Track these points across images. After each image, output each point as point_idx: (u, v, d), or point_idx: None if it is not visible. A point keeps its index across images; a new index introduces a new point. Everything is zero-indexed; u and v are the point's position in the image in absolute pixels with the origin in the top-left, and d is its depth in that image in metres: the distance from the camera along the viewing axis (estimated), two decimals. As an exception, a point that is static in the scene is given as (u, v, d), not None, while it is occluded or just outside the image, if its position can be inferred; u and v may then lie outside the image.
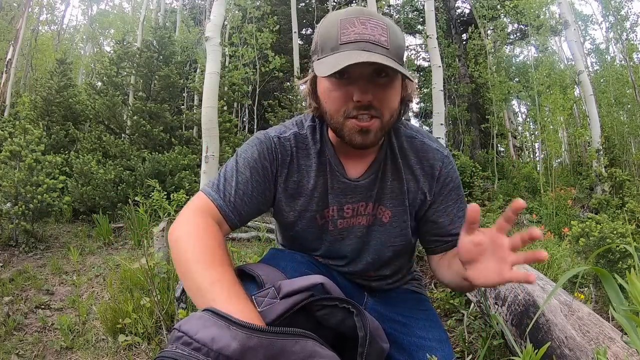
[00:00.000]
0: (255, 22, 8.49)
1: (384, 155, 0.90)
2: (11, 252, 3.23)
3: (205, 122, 2.44)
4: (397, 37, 0.77)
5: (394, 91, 0.78)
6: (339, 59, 0.71)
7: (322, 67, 0.73)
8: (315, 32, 0.81)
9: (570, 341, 0.96)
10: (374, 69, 0.74)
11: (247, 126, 9.45)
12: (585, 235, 2.42)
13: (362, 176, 0.90)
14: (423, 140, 0.92)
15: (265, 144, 0.88)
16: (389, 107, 0.78)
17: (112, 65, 6.56)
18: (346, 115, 0.77)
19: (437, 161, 0.91)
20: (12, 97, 8.93)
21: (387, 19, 0.78)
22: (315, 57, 0.79)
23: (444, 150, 0.93)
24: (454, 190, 0.93)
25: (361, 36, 0.73)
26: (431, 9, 4.59)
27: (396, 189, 0.91)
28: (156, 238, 2.18)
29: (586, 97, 6.47)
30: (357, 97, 0.74)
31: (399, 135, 0.91)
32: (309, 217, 0.92)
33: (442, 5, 11.86)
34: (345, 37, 0.73)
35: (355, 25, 0.74)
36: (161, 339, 1.77)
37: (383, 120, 0.78)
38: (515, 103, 14.90)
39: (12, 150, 3.45)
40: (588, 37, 13.82)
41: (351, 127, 0.77)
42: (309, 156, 0.90)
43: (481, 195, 6.07)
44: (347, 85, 0.75)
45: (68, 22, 20.36)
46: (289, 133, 0.90)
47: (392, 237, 0.94)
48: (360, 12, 0.76)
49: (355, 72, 0.74)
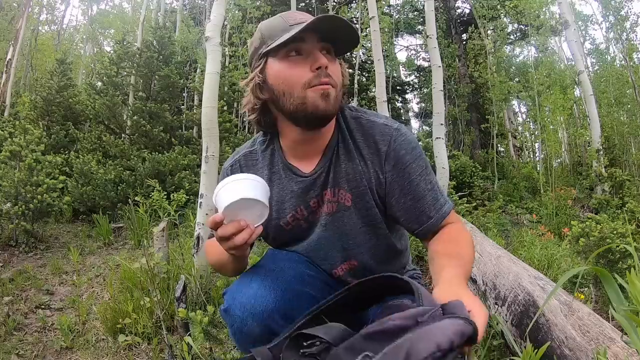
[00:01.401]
0: (255, 22, 8.48)
1: (335, 140, 0.91)
2: (11, 252, 3.22)
3: (205, 122, 2.43)
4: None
5: (340, 68, 0.86)
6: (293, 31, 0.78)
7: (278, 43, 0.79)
8: (254, 37, 0.87)
9: (570, 341, 0.96)
10: (322, 47, 0.81)
11: (247, 126, 9.44)
12: (585, 235, 2.42)
13: (316, 167, 0.91)
14: (369, 118, 0.91)
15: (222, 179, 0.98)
16: (339, 79, 0.85)
17: (112, 65, 6.55)
18: (308, 86, 0.81)
19: (385, 136, 0.88)
20: (12, 97, 8.92)
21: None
22: (264, 47, 0.83)
23: (392, 124, 0.90)
24: (413, 162, 0.87)
25: (305, 18, 0.81)
26: (431, 9, 4.59)
27: (350, 171, 0.90)
28: (156, 238, 2.18)
29: (586, 97, 6.46)
30: (317, 63, 0.79)
31: (345, 118, 0.93)
32: (273, 225, 0.96)
33: (442, 5, 11.85)
34: (293, 20, 0.81)
35: (294, 14, 0.83)
36: (161, 339, 1.77)
37: (337, 90, 0.83)
38: (515, 103, 14.89)
39: (12, 150, 3.45)
40: (588, 37, 13.81)
41: (312, 96, 0.81)
42: (260, 169, 0.95)
43: (481, 195, 6.06)
44: (304, 59, 0.81)
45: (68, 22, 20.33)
46: (240, 154, 0.99)
47: (360, 219, 0.92)
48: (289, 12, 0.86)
49: (308, 46, 0.80)
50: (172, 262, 2.24)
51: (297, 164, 0.92)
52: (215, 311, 1.58)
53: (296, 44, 0.80)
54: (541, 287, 1.26)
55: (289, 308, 0.82)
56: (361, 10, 8.27)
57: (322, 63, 0.79)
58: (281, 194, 0.94)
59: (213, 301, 1.99)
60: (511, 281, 1.39)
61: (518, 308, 1.25)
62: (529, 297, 1.23)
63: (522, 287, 1.30)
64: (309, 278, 0.91)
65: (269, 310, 0.81)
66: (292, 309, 0.82)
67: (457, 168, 6.84)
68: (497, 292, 1.44)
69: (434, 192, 0.89)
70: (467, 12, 11.90)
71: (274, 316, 0.81)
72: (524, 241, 3.11)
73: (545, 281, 1.33)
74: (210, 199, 2.37)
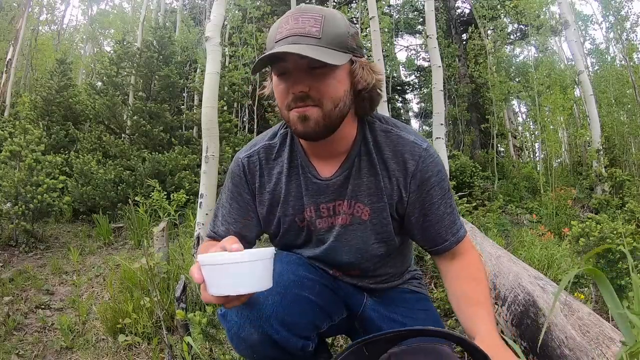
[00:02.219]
0: (255, 22, 8.48)
1: (357, 151, 0.89)
2: (11, 252, 3.23)
3: (205, 122, 2.43)
4: (333, 25, 0.78)
5: (334, 80, 0.79)
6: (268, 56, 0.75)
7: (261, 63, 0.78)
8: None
9: (570, 341, 0.96)
10: (308, 63, 0.75)
11: (247, 126, 9.43)
12: (586, 236, 2.42)
13: (334, 174, 0.90)
14: (399, 133, 0.89)
15: (235, 172, 0.96)
16: (329, 96, 0.78)
17: (112, 65, 6.55)
18: (288, 108, 0.80)
19: (414, 155, 0.87)
20: (12, 97, 8.92)
21: (327, 10, 0.80)
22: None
23: (422, 142, 0.88)
24: (436, 186, 0.88)
25: (291, 31, 0.76)
26: (431, 9, 4.59)
27: (372, 185, 0.89)
28: (156, 238, 2.18)
29: (586, 97, 6.47)
30: (292, 89, 0.78)
31: (373, 130, 0.90)
32: (288, 221, 0.94)
33: (442, 5, 11.85)
34: (280, 34, 0.78)
35: (289, 22, 0.78)
36: (161, 339, 1.77)
37: (324, 109, 0.78)
38: (515, 103, 14.89)
39: (12, 150, 3.45)
40: (588, 37, 13.80)
41: (292, 117, 0.80)
42: (280, 163, 0.93)
43: (481, 195, 6.06)
44: (287, 80, 0.79)
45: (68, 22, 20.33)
46: (259, 146, 0.95)
47: (374, 234, 0.92)
48: (298, 9, 0.80)
49: (291, 66, 0.77)
50: (172, 262, 2.24)
51: (317, 165, 0.91)
52: (214, 311, 1.58)
53: (279, 63, 0.78)
54: (541, 287, 1.26)
55: (287, 313, 0.81)
56: (361, 10, 8.28)
57: (294, 90, 0.77)
58: (298, 189, 0.92)
59: (213, 301, 1.99)
60: (511, 281, 1.39)
61: (518, 308, 1.25)
62: (529, 297, 1.23)
63: (522, 287, 1.30)
64: (308, 282, 0.90)
65: (266, 316, 0.80)
66: (290, 314, 0.81)
67: (457, 168, 6.84)
68: (497, 292, 1.44)
69: (452, 216, 0.91)
70: (467, 12, 11.89)
71: (272, 322, 0.80)
72: (524, 241, 3.11)
73: (545, 281, 1.33)
74: (211, 198, 2.38)
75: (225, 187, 0.98)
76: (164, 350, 1.67)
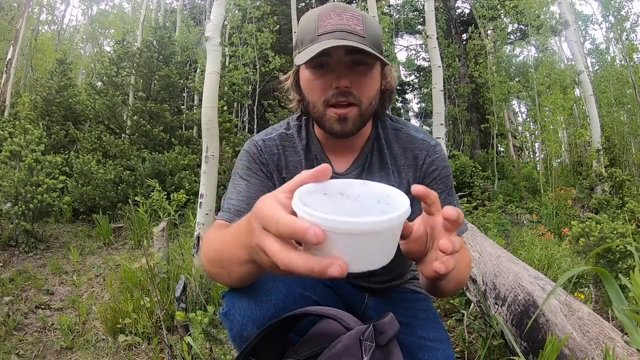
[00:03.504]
0: (255, 22, 8.48)
1: (370, 147, 0.91)
2: (11, 252, 3.23)
3: (205, 122, 2.43)
4: (373, 27, 0.80)
5: (372, 80, 0.81)
6: (315, 48, 0.74)
7: (302, 57, 0.77)
8: (297, 28, 0.85)
9: (570, 341, 0.96)
10: (350, 58, 0.77)
11: (247, 126, 9.44)
12: (586, 235, 2.42)
13: (349, 169, 0.91)
14: (409, 132, 0.92)
15: (251, 152, 0.92)
16: (367, 94, 0.80)
17: (112, 65, 6.56)
18: (326, 104, 0.80)
19: (422, 150, 0.89)
20: (12, 97, 8.92)
21: (363, 12, 0.82)
22: (297, 51, 0.83)
23: (430, 140, 0.92)
24: (440, 180, 0.89)
25: (337, 26, 0.76)
26: (431, 9, 4.59)
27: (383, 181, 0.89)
28: (156, 238, 2.18)
29: (586, 97, 6.47)
30: (335, 83, 0.77)
31: (385, 127, 0.93)
32: None
33: (442, 5, 11.86)
34: (323, 28, 0.77)
35: (332, 17, 0.78)
36: (161, 339, 1.77)
37: (361, 108, 0.80)
38: (515, 103, 14.91)
39: (12, 150, 3.45)
40: (588, 37, 13.81)
41: (330, 116, 0.80)
42: (296, 153, 0.93)
43: (481, 195, 6.06)
44: (326, 74, 0.79)
45: (68, 22, 20.37)
46: (275, 134, 0.94)
47: None
48: (337, 5, 0.80)
49: (333, 61, 0.77)
50: (172, 262, 2.25)
51: (332, 159, 0.92)
52: (215, 311, 1.58)
53: (321, 58, 0.76)
54: (541, 287, 1.26)
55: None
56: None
57: (340, 84, 0.77)
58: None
59: (213, 301, 1.99)
60: (511, 281, 1.39)
61: (518, 308, 1.25)
62: (529, 297, 1.23)
63: (522, 287, 1.30)
64: (310, 281, 0.89)
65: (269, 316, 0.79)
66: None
67: (457, 168, 6.84)
68: (497, 292, 1.44)
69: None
70: (467, 12, 11.90)
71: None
72: (524, 241, 3.11)
73: (545, 281, 1.33)
74: (211, 198, 2.38)
75: (238, 167, 0.92)
76: (164, 350, 1.67)
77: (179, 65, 7.08)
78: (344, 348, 0.61)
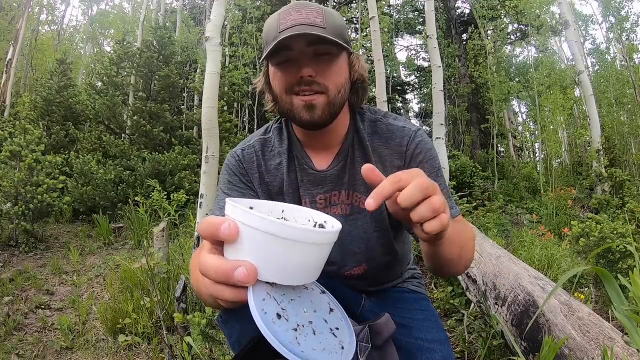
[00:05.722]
0: (255, 22, 8.48)
1: (350, 141, 0.91)
2: (11, 252, 3.23)
3: (205, 122, 2.44)
4: (334, 18, 0.81)
5: (338, 67, 0.82)
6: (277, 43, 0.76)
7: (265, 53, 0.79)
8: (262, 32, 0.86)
9: (570, 341, 0.96)
10: (314, 50, 0.78)
11: (247, 126, 9.44)
12: (585, 235, 2.42)
13: (330, 165, 0.91)
14: (389, 121, 0.92)
15: (230, 164, 0.94)
16: (333, 81, 0.81)
17: (112, 65, 6.56)
18: (291, 92, 0.81)
19: (404, 137, 0.89)
20: (12, 97, 8.92)
21: (322, 6, 0.84)
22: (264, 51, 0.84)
23: (412, 126, 0.91)
24: (425, 163, 0.87)
25: (296, 21, 0.78)
26: (431, 9, 4.59)
27: None
28: (156, 238, 2.18)
29: (586, 97, 6.46)
30: (298, 73, 0.79)
31: (364, 120, 0.93)
32: None
33: (442, 5, 11.86)
34: (283, 25, 0.79)
35: (292, 14, 0.80)
36: (161, 339, 1.77)
37: (329, 95, 0.81)
38: (515, 103, 14.91)
39: (12, 150, 3.45)
40: (588, 37, 13.82)
41: (297, 104, 0.81)
42: (277, 155, 0.93)
43: (481, 195, 6.06)
44: (290, 67, 0.80)
45: (68, 22, 20.38)
46: (253, 140, 0.95)
47: (374, 223, 0.92)
48: (297, 3, 0.82)
49: (296, 53, 0.79)
50: (172, 262, 2.25)
51: (312, 156, 0.92)
52: (214, 312, 1.58)
53: (284, 52, 0.79)
54: (541, 287, 1.26)
55: None
56: (361, 10, 8.27)
57: (303, 73, 0.78)
58: (296, 182, 0.93)
59: (213, 301, 1.98)
60: (511, 281, 1.39)
61: (518, 308, 1.25)
62: (529, 297, 1.23)
63: (522, 287, 1.30)
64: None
65: None
66: None
67: (457, 168, 6.84)
68: (497, 292, 1.44)
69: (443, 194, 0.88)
70: (467, 12, 11.90)
71: None
72: (524, 241, 3.11)
73: (545, 281, 1.33)
74: (211, 199, 2.38)
75: (221, 182, 0.95)
76: (164, 350, 1.67)
77: (179, 65, 7.08)
78: None
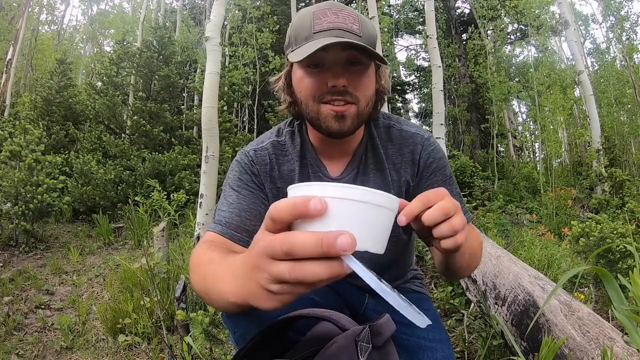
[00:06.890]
0: (255, 22, 8.48)
1: (364, 148, 0.90)
2: (11, 252, 3.23)
3: (205, 122, 2.43)
4: (368, 27, 0.79)
5: (369, 79, 0.80)
6: (312, 45, 0.72)
7: (297, 54, 0.75)
8: (289, 26, 0.82)
9: (570, 341, 0.96)
10: (347, 57, 0.75)
11: (247, 126, 9.44)
12: (586, 235, 2.42)
13: (344, 172, 0.90)
14: (401, 127, 0.91)
15: (242, 162, 0.90)
16: (364, 93, 0.79)
17: (112, 65, 6.56)
18: (320, 100, 0.78)
19: (417, 145, 0.88)
20: (12, 97, 8.92)
21: (358, 12, 0.81)
22: (290, 49, 0.80)
23: (424, 133, 0.91)
24: (438, 171, 0.89)
25: (334, 24, 0.75)
26: (431, 9, 4.59)
27: (380, 181, 0.89)
28: (156, 238, 2.18)
29: (586, 97, 6.46)
30: (332, 82, 0.75)
31: (378, 126, 0.92)
32: None
33: (442, 5, 11.85)
34: (319, 26, 0.75)
35: (328, 15, 0.76)
36: (161, 339, 1.77)
37: (359, 107, 0.79)
38: (515, 103, 14.91)
39: (12, 150, 3.45)
40: (588, 37, 13.82)
41: (326, 113, 0.78)
42: (290, 160, 0.91)
43: (481, 195, 6.06)
44: (322, 73, 0.76)
45: (68, 22, 20.40)
46: (266, 143, 0.92)
47: None
48: (333, 4, 0.78)
49: (329, 60, 0.75)
50: (172, 262, 2.25)
51: (326, 163, 0.91)
52: (215, 311, 1.58)
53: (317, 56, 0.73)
54: (541, 287, 1.26)
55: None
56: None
57: (336, 84, 0.75)
58: None
59: (213, 301, 1.99)
60: (511, 281, 1.39)
61: (518, 308, 1.25)
62: (529, 297, 1.23)
63: (522, 287, 1.30)
64: None
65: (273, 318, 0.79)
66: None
67: (457, 168, 6.84)
68: (497, 292, 1.44)
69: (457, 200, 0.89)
70: (467, 12, 11.90)
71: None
72: (524, 241, 3.11)
73: (545, 281, 1.33)
74: (211, 198, 2.38)
75: (229, 178, 0.90)
76: (164, 350, 1.67)
77: (179, 65, 7.08)
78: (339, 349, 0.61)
